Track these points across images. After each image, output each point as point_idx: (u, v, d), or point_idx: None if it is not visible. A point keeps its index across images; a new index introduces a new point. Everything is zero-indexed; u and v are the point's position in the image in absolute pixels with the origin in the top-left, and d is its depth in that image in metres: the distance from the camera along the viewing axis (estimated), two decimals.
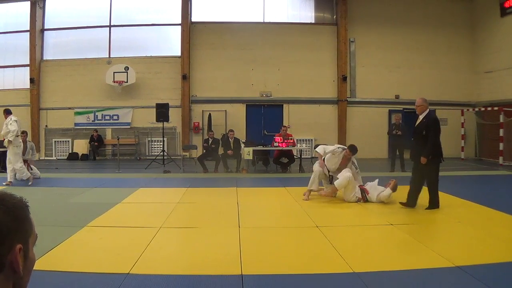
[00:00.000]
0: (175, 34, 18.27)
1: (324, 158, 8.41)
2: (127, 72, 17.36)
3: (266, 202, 8.03)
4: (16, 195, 1.12)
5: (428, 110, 7.51)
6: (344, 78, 17.94)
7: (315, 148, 8.29)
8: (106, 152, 18.38)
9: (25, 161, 11.20)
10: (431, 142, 6.97)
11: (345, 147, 8.49)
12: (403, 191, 7.38)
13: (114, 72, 17.37)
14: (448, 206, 7.36)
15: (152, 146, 18.16)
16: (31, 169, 11.38)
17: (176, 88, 17.99)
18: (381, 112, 17.64)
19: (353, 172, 7.99)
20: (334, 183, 7.97)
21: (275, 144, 12.92)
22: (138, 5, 18.59)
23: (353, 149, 8.23)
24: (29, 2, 17.80)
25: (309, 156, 15.60)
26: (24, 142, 11.51)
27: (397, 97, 17.82)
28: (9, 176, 10.31)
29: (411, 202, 7.17)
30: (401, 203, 7.26)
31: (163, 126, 15.57)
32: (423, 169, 7.08)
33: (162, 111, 15.02)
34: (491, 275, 4.02)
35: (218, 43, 18.11)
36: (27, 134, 12.06)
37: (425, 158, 6.92)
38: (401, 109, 17.45)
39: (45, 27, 18.47)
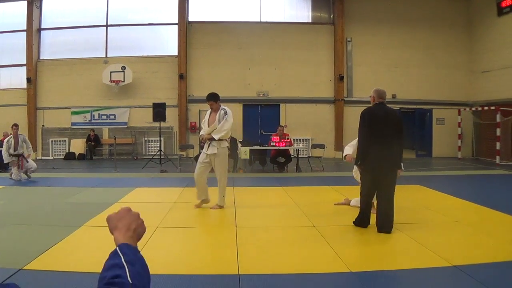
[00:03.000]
0: (172, 33, 18.25)
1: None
2: (124, 72, 17.33)
3: (263, 202, 8.02)
4: None
5: None
6: (341, 78, 17.96)
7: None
8: (103, 152, 18.36)
9: (18, 156, 10.88)
10: (359, 143, 5.84)
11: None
12: (403, 191, 7.36)
13: (111, 72, 17.35)
14: (446, 206, 7.38)
15: (149, 145, 18.15)
16: (27, 162, 11.00)
17: (173, 88, 17.98)
18: None
19: None
20: None
21: (272, 144, 12.92)
22: (135, 5, 18.57)
23: None
24: (25, 2, 17.76)
25: (306, 156, 15.61)
26: (15, 136, 10.98)
27: (394, 96, 17.84)
28: None
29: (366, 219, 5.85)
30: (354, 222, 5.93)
31: (160, 126, 15.56)
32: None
33: (159, 111, 15.03)
34: (488, 275, 4.03)
35: (215, 43, 18.11)
36: (18, 127, 11.26)
37: (356, 164, 5.85)
38: (398, 108, 17.49)
39: (42, 27, 18.44)
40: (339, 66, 18.01)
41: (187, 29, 18.02)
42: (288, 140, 13.01)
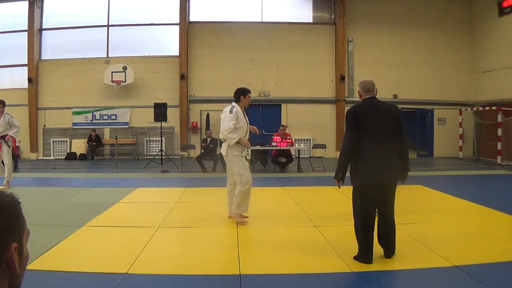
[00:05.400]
0: (173, 33, 18.28)
1: None
2: (125, 72, 17.35)
3: (264, 202, 8.02)
4: (7, 192, 1.10)
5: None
6: (342, 78, 17.96)
7: None
8: (104, 152, 18.38)
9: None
10: (340, 150, 4.64)
11: None
12: (404, 191, 7.34)
13: (112, 72, 17.37)
14: (446, 206, 7.37)
15: (150, 145, 18.17)
16: (8, 147, 9.31)
17: (174, 88, 17.99)
18: None
19: None
20: None
21: (273, 144, 12.91)
22: (136, 5, 18.60)
23: None
24: (27, 2, 17.79)
25: (307, 156, 15.60)
26: (1, 113, 9.37)
27: (395, 96, 17.83)
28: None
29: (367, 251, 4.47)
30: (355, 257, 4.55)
31: (161, 126, 15.58)
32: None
33: (160, 111, 15.04)
34: (489, 275, 4.02)
35: (216, 43, 18.12)
36: (2, 104, 9.40)
37: (336, 178, 4.51)
38: (399, 108, 17.47)
39: (43, 27, 18.47)
40: (340, 66, 18.00)
41: (188, 29, 18.03)
42: (289, 140, 13.01)
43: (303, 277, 4.09)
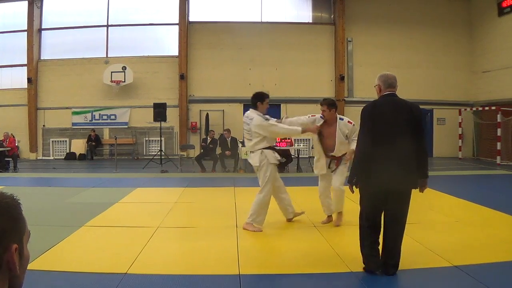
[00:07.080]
0: (173, 33, 18.26)
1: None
2: (124, 72, 17.32)
3: None
4: (7, 193, 1.10)
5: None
6: (342, 78, 17.95)
7: None
8: (104, 152, 18.36)
9: None
10: (356, 151, 4.38)
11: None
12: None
13: (111, 72, 17.34)
14: (446, 206, 7.37)
15: (150, 145, 18.16)
16: None
17: (174, 88, 17.97)
18: None
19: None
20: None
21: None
22: (136, 5, 18.58)
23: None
24: (26, 2, 17.75)
25: (307, 156, 15.59)
26: None
27: None
28: None
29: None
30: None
31: (160, 126, 15.56)
32: None
33: (159, 111, 15.03)
34: (489, 275, 4.02)
35: (216, 43, 18.10)
36: None
37: (351, 183, 4.25)
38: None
39: (43, 27, 18.44)
40: (339, 66, 18.00)
41: (187, 29, 18.01)
42: (288, 140, 13.01)
43: (303, 277, 4.08)
